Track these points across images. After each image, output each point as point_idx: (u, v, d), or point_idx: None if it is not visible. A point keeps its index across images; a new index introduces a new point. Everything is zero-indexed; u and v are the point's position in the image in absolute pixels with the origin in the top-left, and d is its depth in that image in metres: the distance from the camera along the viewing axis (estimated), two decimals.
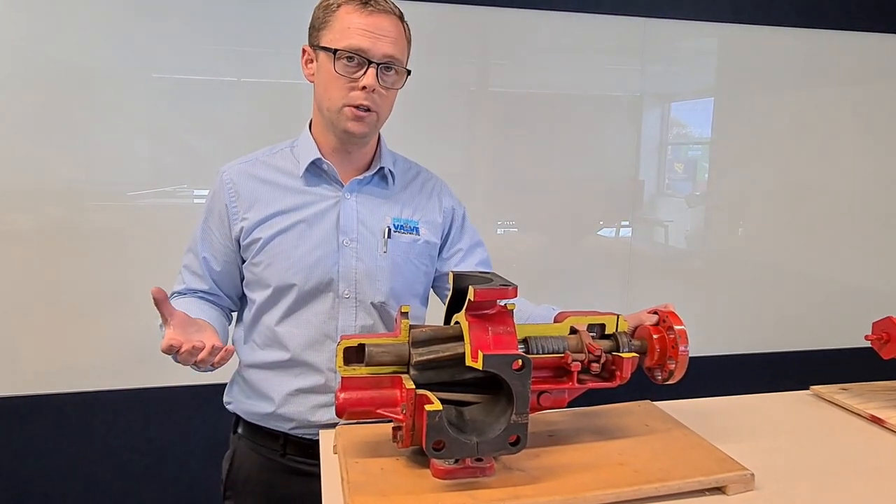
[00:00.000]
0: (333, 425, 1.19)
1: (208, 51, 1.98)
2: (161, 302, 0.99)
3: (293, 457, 1.23)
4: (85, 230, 1.96)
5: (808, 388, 1.36)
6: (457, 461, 0.87)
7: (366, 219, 1.21)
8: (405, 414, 0.88)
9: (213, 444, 2.10)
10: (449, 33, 2.17)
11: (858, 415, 1.23)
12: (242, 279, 1.25)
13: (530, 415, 0.88)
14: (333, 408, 1.17)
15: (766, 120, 2.50)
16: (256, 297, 1.21)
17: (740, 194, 2.53)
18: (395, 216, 1.24)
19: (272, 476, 1.25)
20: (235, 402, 1.28)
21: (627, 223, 2.45)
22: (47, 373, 1.98)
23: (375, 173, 1.23)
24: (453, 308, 0.98)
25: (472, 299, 0.88)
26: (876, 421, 1.19)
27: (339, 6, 1.12)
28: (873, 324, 1.29)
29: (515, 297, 0.90)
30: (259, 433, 1.25)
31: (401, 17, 1.16)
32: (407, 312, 0.96)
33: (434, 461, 0.88)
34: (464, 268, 1.31)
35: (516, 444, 0.88)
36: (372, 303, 1.21)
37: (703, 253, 2.56)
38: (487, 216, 2.31)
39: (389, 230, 1.22)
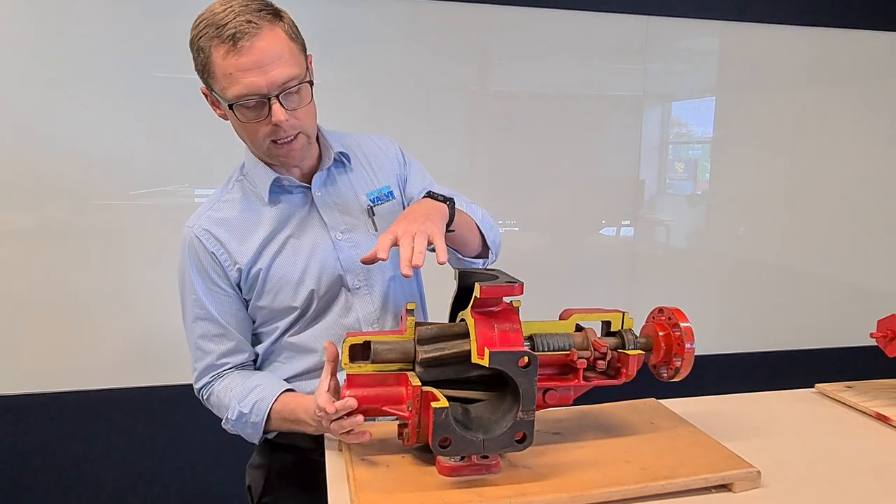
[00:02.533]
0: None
1: None
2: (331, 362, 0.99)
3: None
4: (86, 229, 1.96)
5: (813, 387, 1.36)
6: (463, 458, 0.87)
7: (345, 207, 1.20)
8: (411, 411, 0.88)
9: (215, 442, 2.10)
10: (449, 32, 2.17)
11: (864, 412, 1.23)
12: (251, 319, 1.22)
13: (536, 412, 0.88)
14: None
15: (768, 119, 2.50)
16: (280, 325, 1.18)
17: (742, 193, 2.53)
18: (367, 192, 1.22)
19: (309, 473, 1.22)
20: None
21: (629, 222, 2.45)
22: (48, 371, 1.97)
23: (332, 163, 1.21)
24: (459, 305, 0.98)
25: (477, 296, 0.88)
26: (881, 418, 1.19)
27: (209, 50, 1.02)
28: (878, 322, 1.29)
29: (521, 294, 0.90)
30: (292, 435, 1.21)
31: (273, 15, 1.04)
32: (412, 310, 0.96)
33: (440, 458, 0.87)
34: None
35: (522, 441, 0.88)
36: (383, 286, 1.20)
37: (705, 252, 2.55)
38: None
39: (370, 208, 1.21)
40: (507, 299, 0.92)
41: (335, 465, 0.98)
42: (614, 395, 1.14)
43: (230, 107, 1.04)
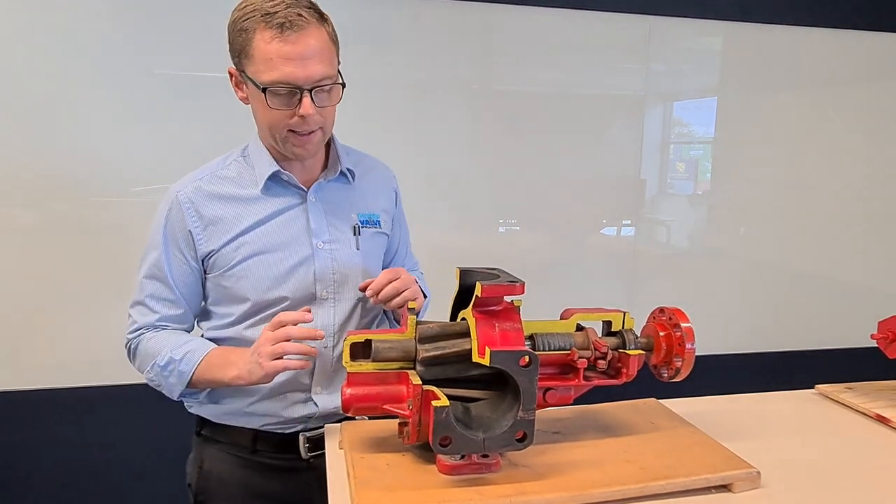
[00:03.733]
0: (308, 419, 1.19)
1: (211, 46, 1.97)
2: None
3: (265, 452, 1.21)
4: (87, 225, 1.96)
5: (813, 388, 1.36)
6: (463, 457, 0.87)
7: (334, 219, 1.21)
8: (412, 410, 0.88)
9: None
10: (451, 31, 2.16)
11: (864, 414, 1.23)
12: (203, 295, 1.23)
13: (536, 411, 0.88)
14: (309, 404, 1.18)
15: (769, 119, 2.49)
16: (233, 310, 1.18)
17: (743, 194, 2.53)
18: (359, 212, 1.24)
19: (245, 474, 1.22)
20: (200, 404, 1.25)
21: (630, 222, 2.45)
22: (49, 367, 1.97)
23: (336, 175, 1.22)
24: (460, 304, 0.98)
25: (479, 295, 0.88)
26: (881, 420, 1.19)
27: (253, 31, 1.04)
28: (879, 323, 1.29)
29: (522, 293, 0.90)
30: (227, 431, 1.22)
31: (320, 17, 1.08)
32: (414, 308, 0.96)
33: (440, 457, 0.87)
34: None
35: (523, 440, 0.88)
36: (350, 303, 1.20)
37: (706, 252, 2.55)
38: (489, 214, 2.30)
39: (358, 227, 1.23)
40: (508, 298, 0.92)
41: (335, 463, 0.98)
42: (615, 395, 1.14)
43: (264, 90, 1.06)
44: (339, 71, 1.12)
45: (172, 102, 1.96)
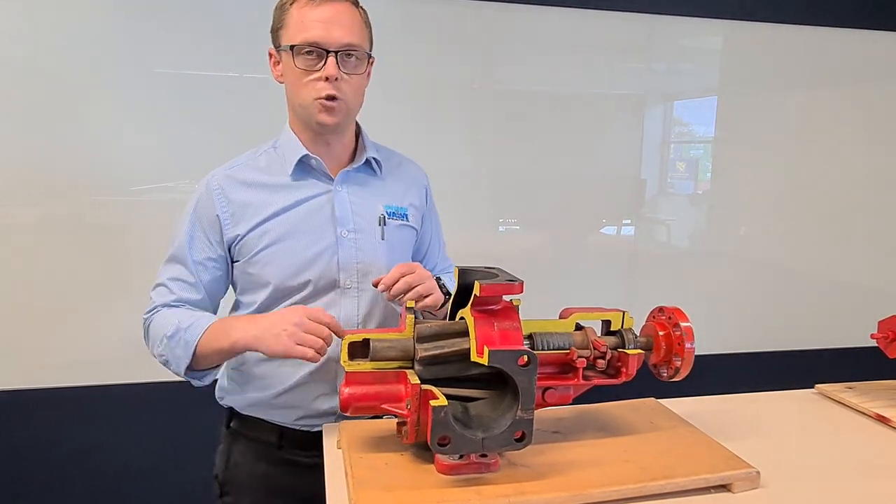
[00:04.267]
0: (333, 412, 1.19)
1: (211, 46, 1.97)
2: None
3: (291, 449, 1.23)
4: (87, 224, 1.96)
5: (813, 387, 1.35)
6: (462, 457, 0.87)
7: (360, 208, 1.22)
8: (410, 409, 0.88)
9: (214, 437, 2.10)
10: (451, 30, 2.16)
11: (864, 413, 1.23)
12: (227, 287, 1.25)
13: (535, 411, 0.88)
14: (334, 396, 1.19)
15: (770, 119, 2.49)
16: (257, 297, 1.20)
17: (743, 193, 2.52)
18: (385, 203, 1.25)
19: (270, 469, 1.24)
20: (230, 395, 1.27)
21: (630, 222, 2.45)
22: (49, 366, 1.97)
23: (363, 163, 1.24)
24: (458, 303, 0.98)
25: (477, 294, 0.88)
26: (881, 419, 1.19)
27: (291, 4, 1.14)
28: (879, 322, 1.29)
29: (521, 292, 0.90)
30: (255, 426, 1.25)
31: (355, 2, 1.17)
32: (412, 307, 0.96)
33: (439, 457, 0.87)
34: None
35: (522, 440, 0.87)
36: (374, 293, 1.20)
37: (706, 252, 2.55)
38: (489, 214, 2.30)
39: (384, 217, 1.24)
40: (506, 297, 0.92)
41: (333, 462, 0.98)
42: (614, 395, 1.14)
43: (291, 49, 1.12)
44: (369, 56, 1.18)
45: (171, 101, 1.96)
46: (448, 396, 0.86)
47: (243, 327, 1.08)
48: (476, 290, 0.87)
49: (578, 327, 1.02)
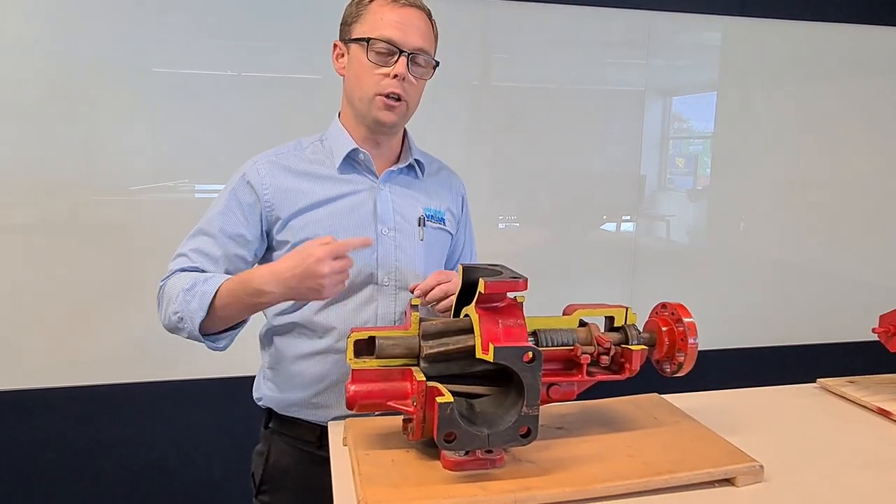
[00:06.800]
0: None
1: (211, 45, 1.97)
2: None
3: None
4: (87, 224, 1.96)
5: (815, 381, 1.36)
6: (467, 453, 0.87)
7: (401, 208, 1.24)
8: (416, 406, 0.88)
9: (218, 436, 2.11)
10: (451, 27, 2.14)
11: (865, 407, 1.23)
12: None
13: (540, 407, 0.88)
14: None
15: (769, 114, 2.49)
16: None
17: (743, 189, 2.53)
18: (425, 206, 1.27)
19: (309, 468, 1.24)
20: (267, 396, 1.27)
21: (629, 218, 2.45)
22: (50, 366, 1.98)
23: (406, 165, 1.27)
24: (463, 301, 0.98)
25: (482, 292, 0.88)
26: (883, 413, 1.20)
27: (371, 1, 1.17)
28: (880, 317, 1.29)
29: (525, 289, 0.90)
30: (294, 426, 1.25)
31: (429, 14, 1.22)
32: (417, 305, 0.96)
33: (445, 453, 0.88)
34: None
35: (527, 435, 0.88)
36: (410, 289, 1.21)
37: (706, 247, 2.56)
38: (489, 211, 2.30)
39: (423, 219, 1.25)
40: (511, 294, 0.92)
41: (340, 459, 0.98)
42: (618, 391, 1.14)
43: (367, 43, 1.14)
44: (436, 61, 1.23)
45: (171, 101, 1.96)
46: (453, 393, 0.86)
47: (269, 281, 1.04)
48: (481, 288, 0.88)
49: (582, 324, 1.02)
